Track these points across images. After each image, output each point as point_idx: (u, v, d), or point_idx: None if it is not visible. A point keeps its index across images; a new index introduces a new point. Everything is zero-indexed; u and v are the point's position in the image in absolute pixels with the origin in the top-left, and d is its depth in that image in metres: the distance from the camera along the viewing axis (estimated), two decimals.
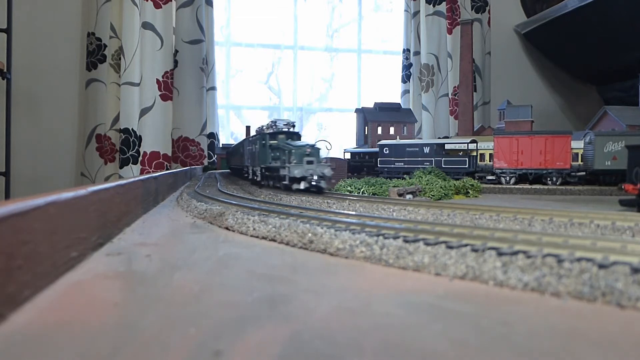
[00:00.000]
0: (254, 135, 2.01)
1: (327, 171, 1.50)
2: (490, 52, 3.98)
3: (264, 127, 1.88)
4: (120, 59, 3.13)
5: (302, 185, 1.48)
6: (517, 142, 2.32)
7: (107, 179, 3.15)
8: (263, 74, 4.13)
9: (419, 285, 0.53)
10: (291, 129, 1.80)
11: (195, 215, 1.11)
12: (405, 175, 2.29)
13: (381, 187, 1.70)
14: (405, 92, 3.94)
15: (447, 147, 2.52)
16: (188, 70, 3.35)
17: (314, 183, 1.47)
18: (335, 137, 4.06)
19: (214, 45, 3.51)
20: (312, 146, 1.54)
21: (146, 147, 3.23)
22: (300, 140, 1.76)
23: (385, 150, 2.68)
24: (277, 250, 0.72)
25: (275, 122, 1.79)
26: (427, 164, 2.47)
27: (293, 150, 1.53)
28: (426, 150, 2.53)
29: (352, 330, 0.39)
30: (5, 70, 2.60)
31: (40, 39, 3.22)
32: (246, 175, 2.26)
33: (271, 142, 1.74)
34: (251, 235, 0.84)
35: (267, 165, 1.72)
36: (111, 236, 0.79)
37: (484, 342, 0.36)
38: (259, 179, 1.87)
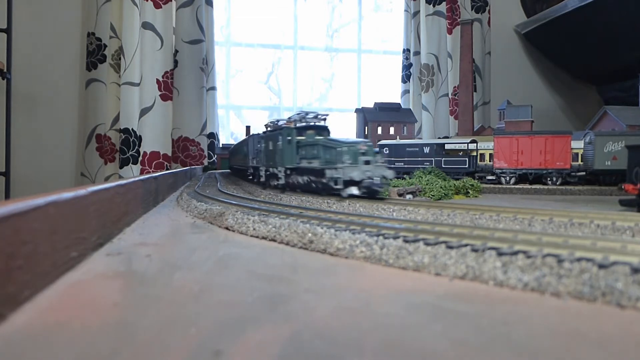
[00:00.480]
0: (269, 131, 1.75)
1: (389, 173, 1.28)
2: (490, 52, 3.98)
3: (280, 122, 1.66)
4: (120, 59, 3.13)
5: (357, 190, 1.25)
6: (517, 142, 2.32)
7: (107, 179, 3.15)
8: (263, 74, 4.13)
9: (419, 285, 0.53)
10: (322, 123, 1.56)
11: (195, 215, 1.11)
12: (405, 175, 2.29)
13: None
14: (405, 92, 3.94)
15: (447, 147, 2.52)
16: (188, 70, 3.35)
17: (375, 188, 1.25)
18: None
19: (214, 45, 3.51)
20: (366, 143, 1.31)
21: (146, 147, 3.23)
22: (329, 135, 1.54)
23: (385, 150, 2.68)
24: (277, 250, 0.72)
25: (306, 114, 1.55)
26: (427, 164, 2.47)
27: (345, 149, 1.30)
28: (426, 150, 2.53)
29: (352, 330, 0.39)
30: (5, 70, 2.60)
31: (40, 39, 3.22)
32: (251, 177, 2.08)
33: (299, 138, 1.52)
34: (251, 235, 0.84)
35: (294, 165, 1.50)
36: (111, 236, 0.79)
37: (484, 342, 0.36)
38: (282, 182, 1.59)
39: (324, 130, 1.56)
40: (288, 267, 0.61)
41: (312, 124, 1.56)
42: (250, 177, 2.09)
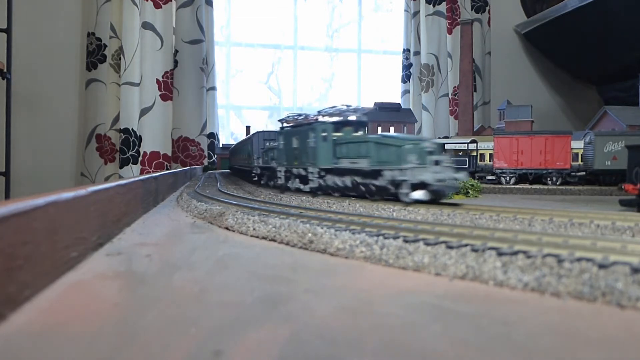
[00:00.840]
0: (291, 127, 1.58)
1: (461, 175, 1.14)
2: (490, 52, 3.98)
3: (301, 116, 1.53)
4: (120, 59, 3.13)
5: (423, 195, 1.10)
6: (517, 142, 2.31)
7: (107, 179, 3.15)
8: (263, 74, 4.13)
9: (419, 285, 0.53)
10: (361, 118, 1.40)
11: (195, 215, 1.11)
12: None
13: None
14: (405, 92, 3.94)
15: (447, 147, 2.52)
16: (188, 70, 3.35)
17: (447, 192, 1.11)
18: None
19: (214, 45, 3.51)
20: (432, 140, 1.17)
21: (146, 147, 3.23)
22: (365, 131, 1.40)
23: None
24: (277, 250, 0.72)
25: (347, 108, 1.38)
26: None
27: (410, 147, 1.13)
28: None
29: (352, 330, 0.39)
30: (5, 70, 2.60)
31: (40, 39, 3.22)
32: (256, 178, 1.92)
33: (335, 134, 1.37)
34: (251, 235, 0.84)
35: (330, 166, 1.35)
36: (111, 236, 0.79)
37: (484, 342, 0.36)
38: (313, 184, 1.41)
39: (362, 126, 1.40)
40: (288, 267, 0.61)
41: (351, 119, 1.39)
42: (256, 179, 1.94)
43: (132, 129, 3.12)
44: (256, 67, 4.10)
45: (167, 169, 3.22)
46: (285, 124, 1.65)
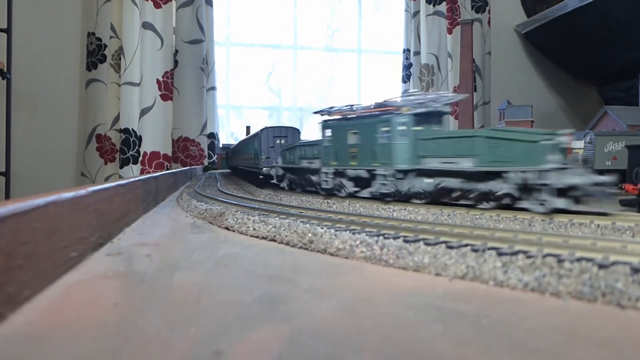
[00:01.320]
0: (343, 119, 1.35)
1: (606, 178, 0.91)
2: (490, 52, 3.98)
3: (345, 107, 1.33)
4: (120, 59, 3.13)
5: (568, 203, 0.90)
6: None
7: (107, 179, 3.15)
8: (263, 74, 4.13)
9: (419, 285, 0.53)
10: (446, 108, 1.20)
11: (195, 215, 1.11)
12: None
13: None
14: (406, 92, 3.94)
15: None
16: (188, 70, 3.35)
17: (602, 198, 0.89)
18: None
19: (214, 45, 3.51)
20: (566, 133, 0.94)
21: (146, 147, 3.23)
22: (441, 124, 1.22)
23: None
24: (277, 250, 0.72)
25: (429, 97, 1.17)
26: None
27: (546, 142, 0.92)
28: None
29: (352, 330, 0.39)
30: (5, 70, 2.60)
31: (40, 39, 3.22)
32: (272, 180, 1.69)
33: (415, 129, 1.15)
34: (251, 235, 0.84)
35: (411, 166, 1.13)
36: (111, 236, 0.79)
37: (484, 342, 0.36)
38: (386, 190, 1.17)
39: (441, 117, 1.22)
40: (288, 267, 0.61)
41: (434, 109, 1.17)
42: (274, 181, 1.70)
43: (132, 129, 3.12)
44: (256, 67, 4.09)
45: (167, 169, 3.22)
46: (329, 116, 1.40)
